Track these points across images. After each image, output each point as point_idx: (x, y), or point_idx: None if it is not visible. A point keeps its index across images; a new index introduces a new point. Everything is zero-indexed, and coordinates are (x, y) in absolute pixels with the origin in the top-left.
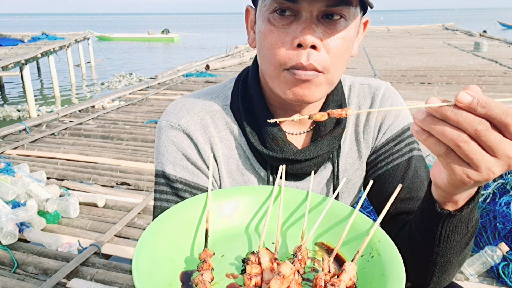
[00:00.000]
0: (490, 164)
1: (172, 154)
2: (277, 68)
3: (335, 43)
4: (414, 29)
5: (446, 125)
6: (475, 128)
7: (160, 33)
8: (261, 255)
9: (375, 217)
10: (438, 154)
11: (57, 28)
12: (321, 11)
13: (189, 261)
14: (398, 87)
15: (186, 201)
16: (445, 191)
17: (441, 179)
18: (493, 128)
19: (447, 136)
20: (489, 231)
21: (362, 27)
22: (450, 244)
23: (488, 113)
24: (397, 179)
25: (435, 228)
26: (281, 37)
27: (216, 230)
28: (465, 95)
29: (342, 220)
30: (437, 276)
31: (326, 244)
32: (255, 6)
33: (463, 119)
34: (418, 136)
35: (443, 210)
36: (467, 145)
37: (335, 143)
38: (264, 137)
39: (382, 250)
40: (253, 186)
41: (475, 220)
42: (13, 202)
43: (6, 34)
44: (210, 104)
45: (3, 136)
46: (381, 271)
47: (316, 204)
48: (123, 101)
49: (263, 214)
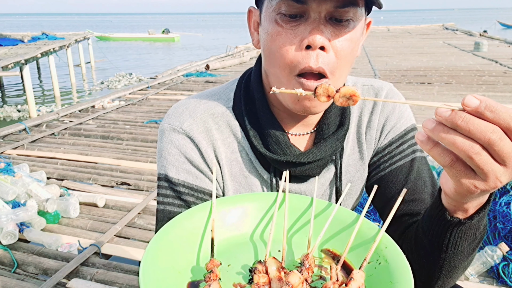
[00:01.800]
0: (499, 173)
1: (174, 157)
2: (287, 74)
3: (342, 45)
4: (414, 29)
5: (457, 135)
6: (488, 138)
7: (160, 33)
8: (268, 264)
9: (375, 217)
10: (443, 165)
11: (57, 28)
12: (329, 12)
13: (195, 271)
14: (398, 87)
15: (191, 210)
16: (454, 200)
17: (448, 188)
18: (505, 138)
19: (458, 147)
20: (489, 231)
21: (366, 28)
22: (458, 250)
23: (496, 118)
24: (400, 180)
25: (443, 235)
26: (289, 39)
27: (221, 239)
28: (472, 98)
29: (347, 227)
30: (442, 280)
31: (332, 251)
32: (258, 7)
33: (474, 128)
34: (423, 145)
35: (453, 217)
36: (480, 157)
37: (338, 145)
38: (267, 140)
39: (389, 257)
40: (257, 193)
41: (484, 226)
42: (13, 202)
43: (6, 34)
44: (212, 106)
45: (3, 136)
46: (389, 279)
47: (321, 210)
48: (123, 101)
49: (268, 221)
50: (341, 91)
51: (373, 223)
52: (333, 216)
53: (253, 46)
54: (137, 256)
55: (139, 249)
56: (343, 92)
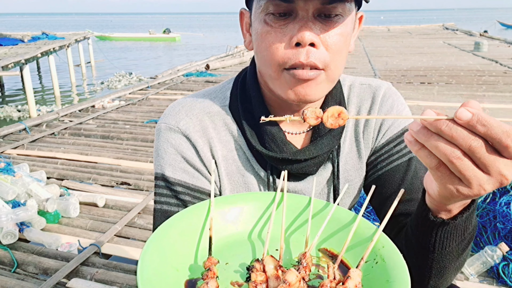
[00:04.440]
0: (482, 181)
1: (171, 156)
2: (277, 69)
3: (333, 40)
4: (414, 29)
5: (440, 140)
6: (469, 145)
7: (161, 33)
8: (266, 262)
9: (375, 216)
10: (429, 166)
11: (57, 28)
12: (317, 9)
13: (193, 269)
14: (398, 87)
15: (189, 208)
16: (436, 201)
17: (432, 189)
18: (487, 146)
19: (440, 151)
20: (489, 231)
21: (358, 22)
22: (446, 251)
23: (488, 132)
24: (397, 180)
25: (429, 235)
26: (278, 37)
27: (219, 237)
28: (464, 111)
29: (345, 226)
30: (434, 281)
31: (329, 250)
32: (249, 8)
33: (457, 135)
34: (411, 146)
35: (436, 218)
36: (460, 162)
37: (335, 143)
38: (264, 137)
39: (386, 256)
40: (255, 192)
41: (472, 227)
42: (13, 201)
43: (6, 34)
44: (208, 105)
45: (3, 136)
46: (386, 277)
47: (319, 210)
48: (123, 101)
49: (266, 220)
50: (328, 111)
51: (370, 222)
52: (330, 216)
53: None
54: (137, 256)
55: (139, 248)
56: (331, 112)
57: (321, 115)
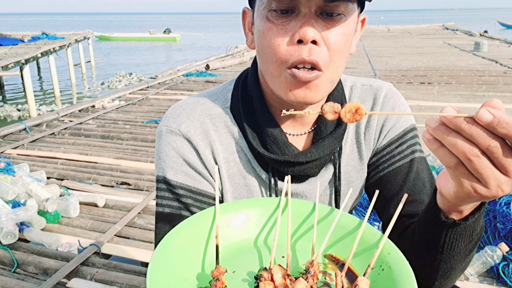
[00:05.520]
0: (500, 181)
1: (172, 159)
2: (279, 67)
3: (335, 39)
4: (414, 29)
5: (459, 137)
6: (488, 145)
7: (162, 33)
8: (274, 271)
9: (375, 216)
10: (448, 165)
11: (57, 28)
12: (320, 7)
13: (201, 278)
14: (398, 87)
15: (195, 216)
16: (450, 201)
17: (447, 189)
18: (507, 147)
19: (458, 148)
20: (489, 231)
21: (360, 25)
22: (454, 252)
23: (510, 134)
24: (399, 181)
25: (439, 236)
26: (280, 34)
27: (225, 245)
28: (486, 113)
29: (350, 232)
30: (439, 281)
31: (335, 256)
32: (252, 7)
33: (477, 134)
34: (429, 145)
35: (447, 219)
36: (478, 160)
37: (337, 144)
38: (265, 139)
39: (392, 263)
40: (259, 198)
41: (480, 228)
42: (13, 201)
43: (6, 34)
44: (210, 107)
45: (3, 136)
46: (392, 285)
47: (324, 216)
48: (123, 101)
49: (271, 227)
50: (346, 106)
51: (375, 228)
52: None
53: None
54: (137, 256)
55: (139, 248)
56: (348, 107)
57: (339, 110)
